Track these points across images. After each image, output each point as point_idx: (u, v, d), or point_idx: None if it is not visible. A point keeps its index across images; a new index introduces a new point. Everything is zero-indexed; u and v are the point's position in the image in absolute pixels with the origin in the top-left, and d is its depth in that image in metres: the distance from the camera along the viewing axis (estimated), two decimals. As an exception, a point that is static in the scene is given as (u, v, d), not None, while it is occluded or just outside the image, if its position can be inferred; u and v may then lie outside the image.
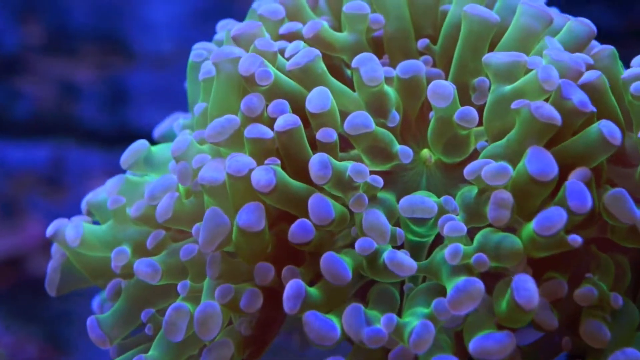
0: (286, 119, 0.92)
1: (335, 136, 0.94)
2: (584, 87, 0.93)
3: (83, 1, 2.54)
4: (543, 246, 0.86)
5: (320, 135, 0.94)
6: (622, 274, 0.94)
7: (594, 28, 1.02)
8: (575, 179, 0.88)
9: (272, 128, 0.93)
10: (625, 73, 0.97)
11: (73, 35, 2.54)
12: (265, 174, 0.89)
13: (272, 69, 0.95)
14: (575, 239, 0.86)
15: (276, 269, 0.92)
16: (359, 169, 0.92)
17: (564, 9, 1.09)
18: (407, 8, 1.03)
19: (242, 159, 0.91)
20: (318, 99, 0.93)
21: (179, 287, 0.97)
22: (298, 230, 0.90)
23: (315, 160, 0.91)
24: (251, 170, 0.90)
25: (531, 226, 0.86)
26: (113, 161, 2.49)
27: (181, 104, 1.36)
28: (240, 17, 1.19)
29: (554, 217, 0.85)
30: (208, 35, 1.20)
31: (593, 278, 0.92)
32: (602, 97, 0.95)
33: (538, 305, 0.84)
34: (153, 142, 1.10)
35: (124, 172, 1.08)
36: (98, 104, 2.53)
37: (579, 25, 1.02)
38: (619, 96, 0.97)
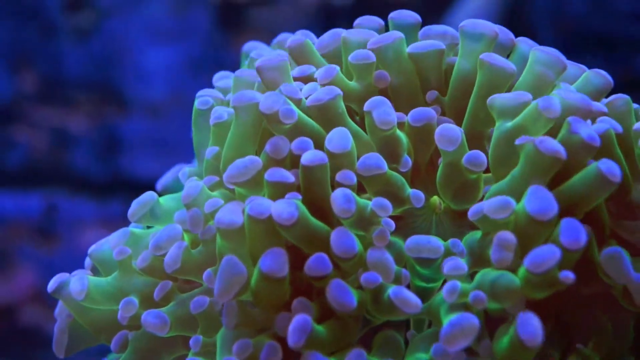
0: (315, 154, 0.91)
1: (355, 179, 0.93)
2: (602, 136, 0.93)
3: (77, 50, 2.55)
4: (536, 285, 0.85)
5: (341, 177, 0.92)
6: (624, 333, 0.93)
7: (611, 80, 1.02)
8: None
9: (294, 167, 0.93)
10: (636, 124, 0.97)
11: (67, 84, 2.55)
12: (288, 207, 0.87)
13: (295, 108, 0.95)
14: (568, 276, 0.84)
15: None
16: (382, 203, 0.91)
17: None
18: (409, 61, 1.03)
19: (264, 202, 0.89)
20: (339, 139, 0.93)
21: (191, 343, 0.95)
22: (315, 263, 0.88)
23: (339, 195, 0.89)
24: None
25: (523, 266, 0.85)
26: (106, 210, 2.49)
27: (175, 152, 1.36)
28: (233, 67, 1.19)
29: (545, 255, 0.84)
30: (202, 84, 1.20)
31: (586, 349, 0.91)
32: (608, 150, 0.94)
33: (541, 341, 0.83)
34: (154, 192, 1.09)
35: (117, 221, 1.07)
36: (91, 152, 2.53)
37: (596, 76, 1.02)
38: (630, 147, 0.96)
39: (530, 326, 0.82)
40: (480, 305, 0.86)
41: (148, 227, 1.07)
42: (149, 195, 1.03)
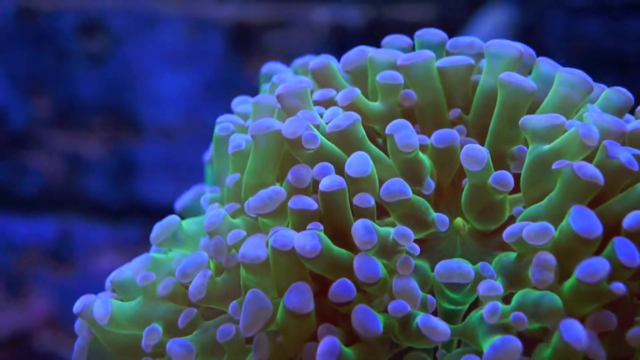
0: (332, 179, 0.91)
1: (372, 202, 0.92)
2: (634, 134, 0.93)
3: (91, 75, 2.56)
4: (586, 297, 0.85)
5: (358, 200, 0.92)
6: None
7: (632, 97, 1.02)
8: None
9: (315, 192, 0.93)
10: None
11: (81, 109, 2.56)
12: (311, 240, 0.88)
13: (318, 133, 0.95)
14: (619, 287, 0.84)
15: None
16: (404, 232, 0.91)
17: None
18: (438, 80, 1.03)
19: (287, 233, 0.89)
20: (359, 163, 0.93)
21: None
22: (339, 289, 0.88)
23: (359, 226, 0.89)
24: None
25: (574, 277, 0.85)
26: (121, 235, 2.49)
27: (189, 176, 1.36)
28: (247, 90, 1.19)
29: (597, 265, 0.84)
30: (215, 107, 1.20)
31: None
32: None
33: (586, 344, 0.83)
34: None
35: (132, 245, 1.07)
36: (105, 177, 2.54)
37: (617, 93, 1.02)
38: None
39: (574, 330, 0.83)
40: (521, 326, 0.87)
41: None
42: (171, 219, 1.03)
